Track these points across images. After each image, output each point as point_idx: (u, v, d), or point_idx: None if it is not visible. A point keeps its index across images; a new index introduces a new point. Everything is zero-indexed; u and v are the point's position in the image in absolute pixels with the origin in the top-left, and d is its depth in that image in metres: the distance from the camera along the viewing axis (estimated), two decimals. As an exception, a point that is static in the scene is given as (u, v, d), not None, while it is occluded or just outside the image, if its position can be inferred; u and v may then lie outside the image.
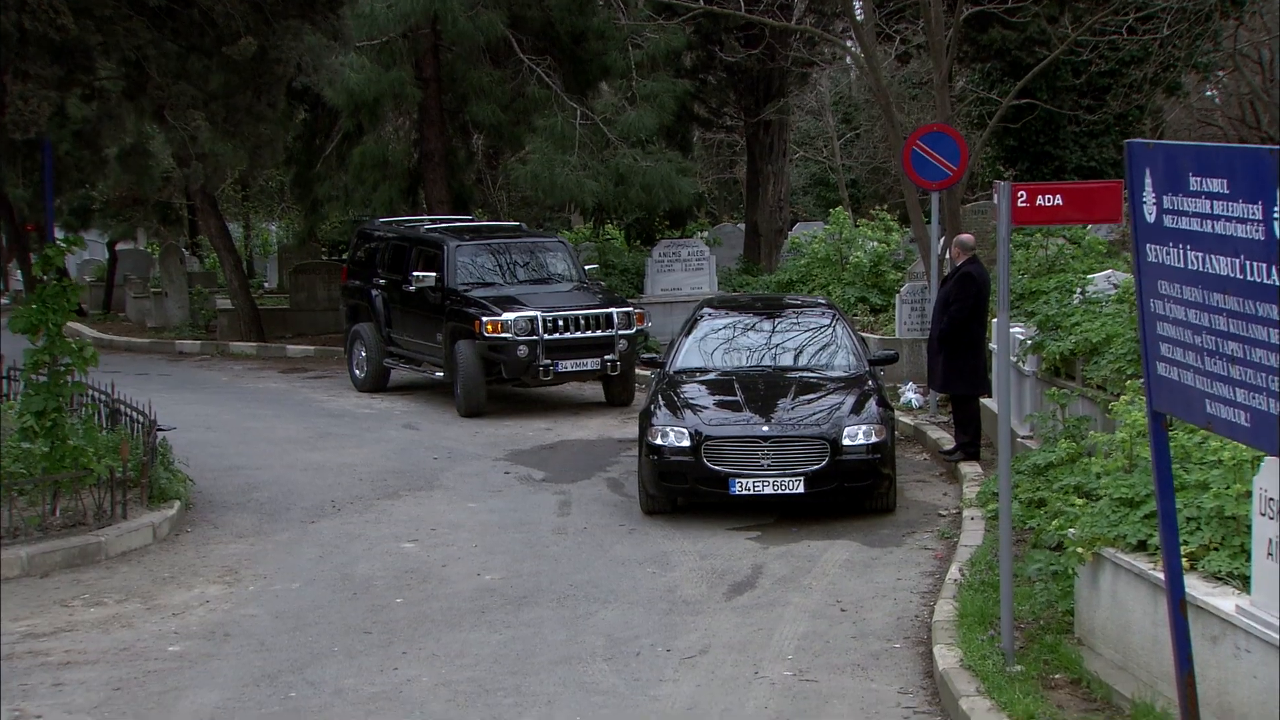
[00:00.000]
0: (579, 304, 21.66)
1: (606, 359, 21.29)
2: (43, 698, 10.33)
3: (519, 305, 21.33)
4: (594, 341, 21.27)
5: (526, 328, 20.88)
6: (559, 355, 21.07)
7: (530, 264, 23.15)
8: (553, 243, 24.12)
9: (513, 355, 20.86)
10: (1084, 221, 9.98)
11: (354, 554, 14.08)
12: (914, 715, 9.89)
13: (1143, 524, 9.53)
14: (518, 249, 23.35)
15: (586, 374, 21.69)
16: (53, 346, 13.99)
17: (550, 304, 21.49)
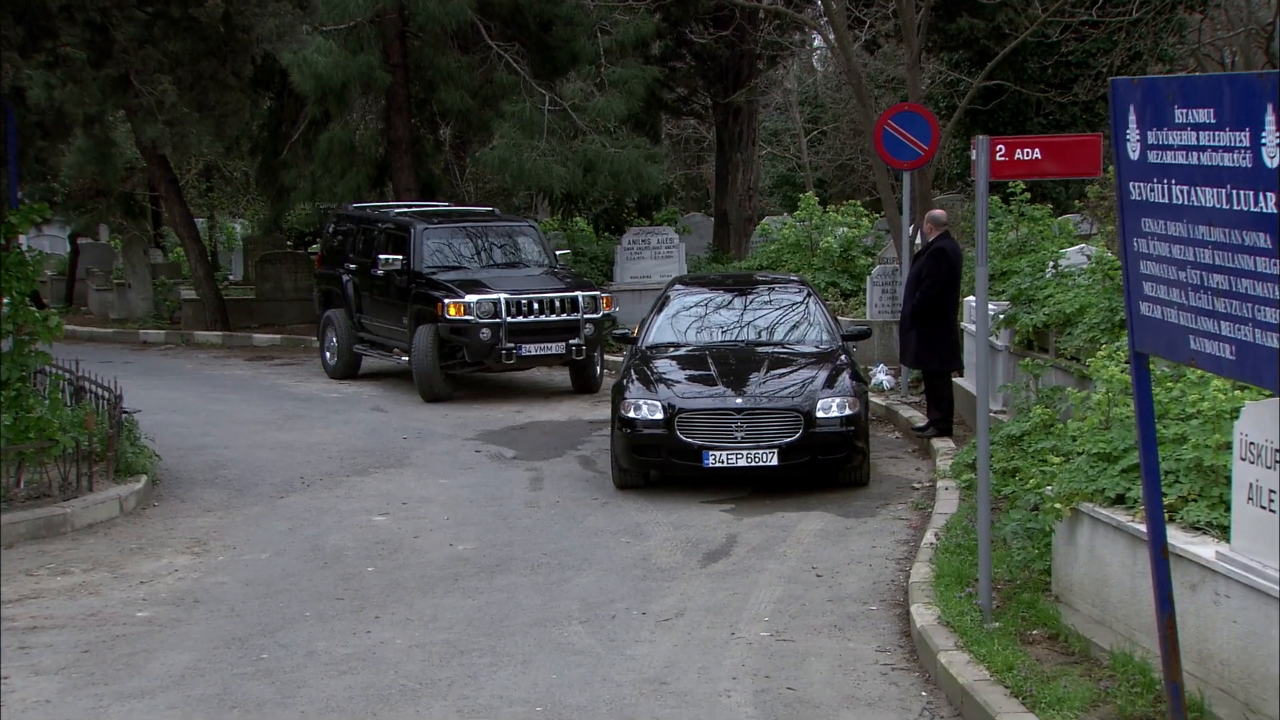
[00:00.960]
0: (544, 287, 21.28)
1: (571, 343, 20.93)
2: (9, 660, 10.19)
3: (484, 288, 20.97)
4: (558, 325, 20.92)
5: (490, 310, 20.57)
6: (522, 339, 20.74)
7: (500, 248, 22.78)
8: (523, 227, 23.69)
9: (475, 338, 20.54)
10: (1062, 174, 9.90)
11: (324, 526, 13.97)
12: (892, 671, 9.84)
13: (1121, 477, 9.49)
14: (487, 233, 23.00)
15: (551, 358, 21.31)
16: (16, 315, 13.82)
17: (516, 287, 21.08)
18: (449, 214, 24.05)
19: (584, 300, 21.19)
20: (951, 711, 9.05)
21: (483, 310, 20.54)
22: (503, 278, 21.62)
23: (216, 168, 41.16)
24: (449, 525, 13.97)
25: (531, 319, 20.80)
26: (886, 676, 9.75)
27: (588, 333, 21.05)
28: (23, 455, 13.83)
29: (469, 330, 20.53)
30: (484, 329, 20.50)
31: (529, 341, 20.77)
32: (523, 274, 22.00)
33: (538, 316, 20.84)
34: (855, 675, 9.77)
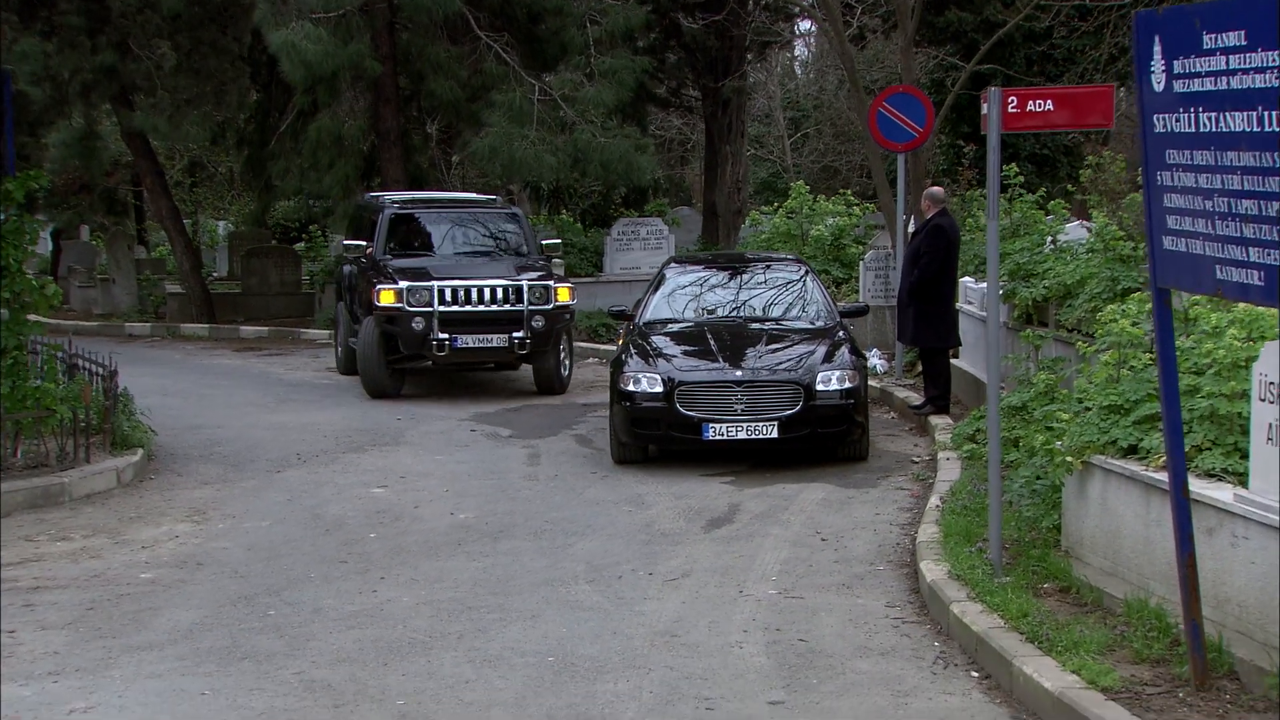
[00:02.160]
0: (488, 275, 19.63)
1: (514, 336, 19.17)
2: (14, 616, 10.13)
3: (427, 275, 19.47)
4: (498, 316, 19.18)
5: (424, 299, 19.06)
6: (457, 330, 19.11)
7: (474, 235, 21.51)
8: (504, 213, 22.03)
9: (408, 328, 19.04)
10: (1075, 126, 9.89)
11: (323, 498, 13.91)
12: (903, 624, 9.81)
13: (1134, 428, 9.48)
14: (463, 219, 21.65)
15: (490, 352, 19.54)
16: (12, 283, 13.74)
17: (462, 274, 19.57)
18: (431, 200, 22.64)
19: (530, 289, 19.37)
20: (965, 660, 9.02)
21: (415, 298, 19.05)
22: (460, 266, 20.13)
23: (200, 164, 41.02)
24: (448, 496, 13.91)
25: (468, 309, 19.13)
26: (898, 629, 9.73)
27: (536, 325, 19.25)
28: (20, 424, 13.74)
29: (401, 320, 19.06)
30: (417, 318, 19.01)
31: (465, 333, 19.14)
32: (486, 263, 20.45)
33: (475, 306, 19.15)
34: (866, 628, 9.74)
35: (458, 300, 19.12)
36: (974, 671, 8.83)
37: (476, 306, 19.16)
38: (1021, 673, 8.25)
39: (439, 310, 19.05)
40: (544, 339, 19.40)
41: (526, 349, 19.29)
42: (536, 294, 19.36)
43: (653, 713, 8.24)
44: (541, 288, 19.47)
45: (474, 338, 19.20)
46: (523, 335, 19.20)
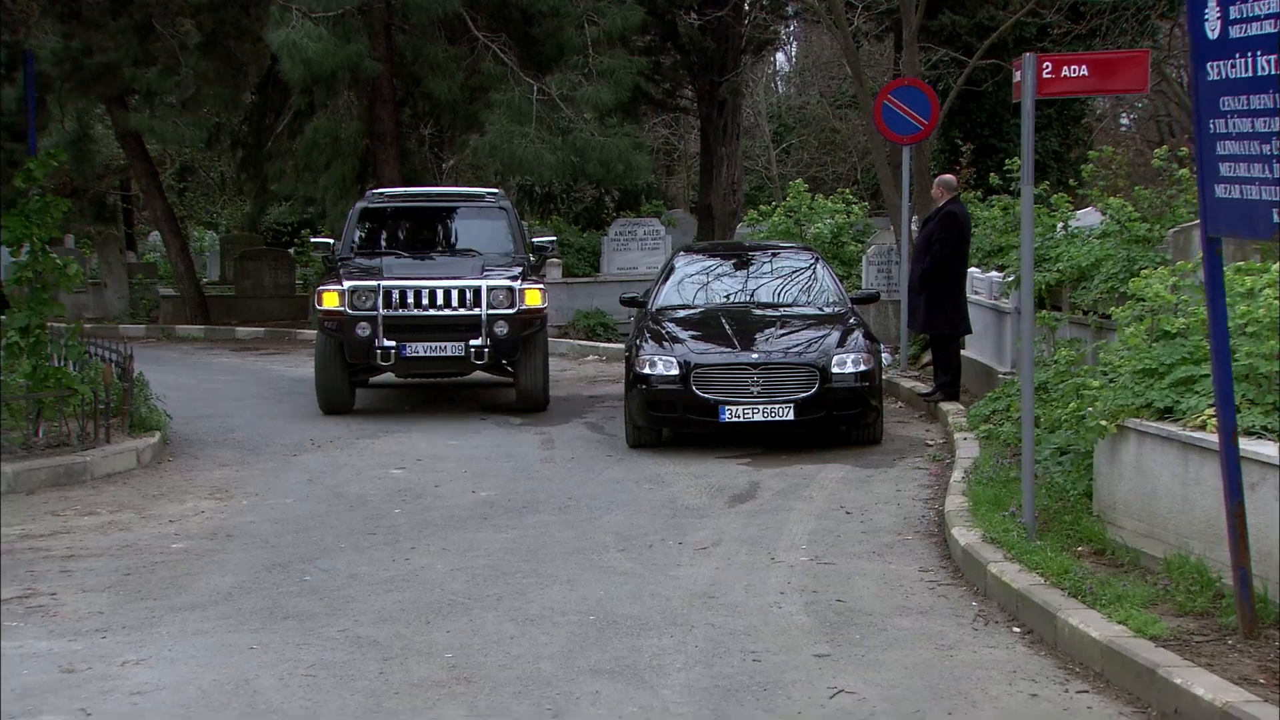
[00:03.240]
0: (445, 275, 17.40)
1: (471, 344, 16.95)
2: (53, 580, 10.17)
3: (376, 275, 17.31)
4: (452, 322, 16.94)
5: (367, 301, 16.89)
6: (405, 336, 16.95)
7: (452, 231, 19.49)
8: (489, 207, 19.51)
9: (351, 334, 16.88)
10: (1109, 91, 9.99)
11: (343, 478, 13.94)
12: (939, 586, 9.89)
13: (1170, 390, 9.55)
14: (441, 214, 19.63)
15: (443, 362, 17.33)
16: (36, 262, 13.78)
17: (414, 274, 17.40)
18: (410, 195, 20.64)
19: (490, 292, 17.08)
20: (1005, 617, 9.10)
21: (359, 301, 16.88)
22: (418, 266, 17.97)
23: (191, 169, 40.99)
24: (468, 477, 13.96)
25: (416, 313, 16.92)
26: (934, 591, 9.80)
27: (499, 332, 16.98)
28: (42, 403, 13.77)
29: (345, 325, 16.92)
30: (361, 324, 16.84)
31: (414, 340, 16.97)
32: (451, 262, 18.19)
33: (424, 310, 16.94)
34: (902, 590, 9.81)
35: (405, 303, 16.90)
36: (1015, 627, 8.90)
37: (426, 310, 16.92)
38: (1067, 624, 8.32)
39: (383, 314, 16.84)
40: (508, 347, 17.11)
41: (485, 358, 17.07)
42: (499, 297, 17.01)
43: (700, 664, 8.29)
44: (505, 290, 17.06)
45: (424, 345, 16.97)
46: (480, 343, 16.96)
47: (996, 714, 7.45)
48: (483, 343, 17.03)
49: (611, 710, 7.55)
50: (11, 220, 13.65)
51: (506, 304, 17.11)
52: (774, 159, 50.49)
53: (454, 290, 17.11)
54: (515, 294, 17.17)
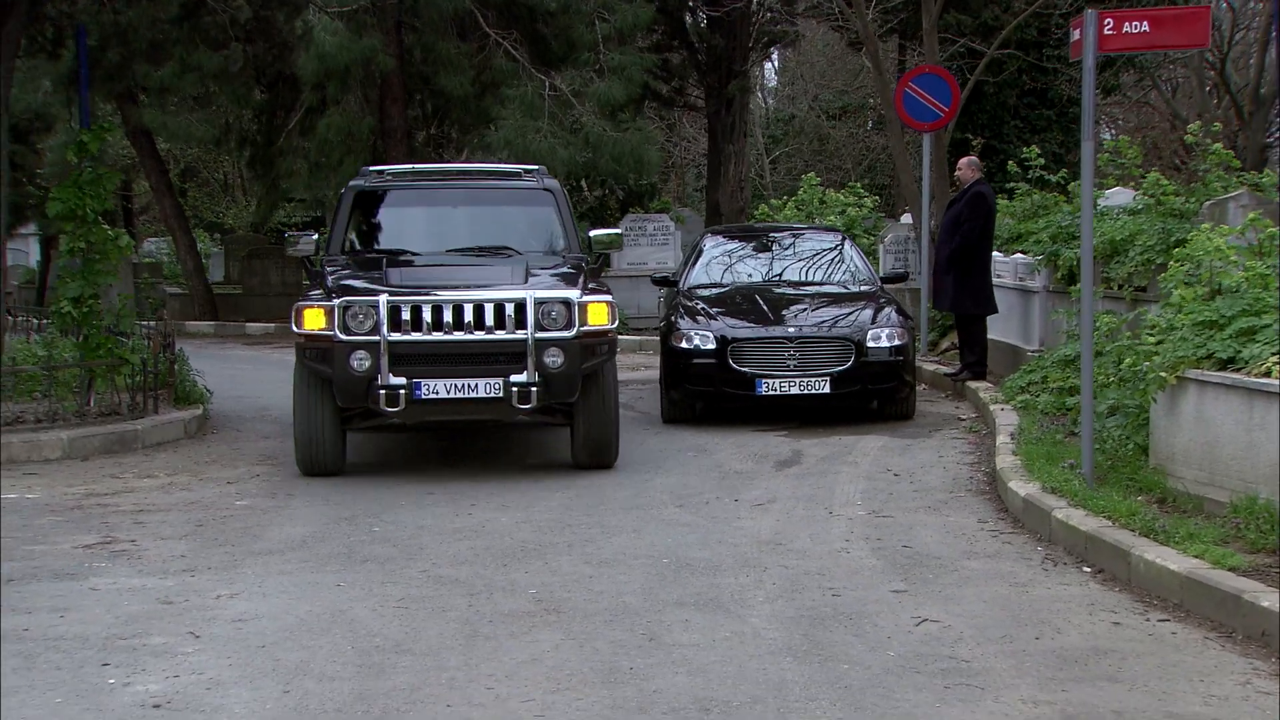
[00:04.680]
0: (475, 283, 12.47)
1: (514, 381, 11.99)
2: (129, 530, 10.34)
3: (376, 285, 12.47)
4: (487, 350, 12.10)
5: (365, 322, 11.96)
6: (420, 371, 12.02)
7: (481, 223, 14.41)
8: (530, 189, 14.44)
9: (343, 368, 11.93)
10: (1172, 46, 10.18)
11: (387, 448, 14.09)
12: (1000, 535, 10.07)
13: (1232, 340, 9.75)
14: (465, 199, 14.56)
15: (474, 405, 12.20)
16: (88, 233, 13.95)
17: (432, 283, 12.50)
18: (421, 172, 15.28)
19: (540, 307, 12.10)
20: (1074, 559, 9.28)
21: (354, 321, 11.96)
22: (437, 271, 13.07)
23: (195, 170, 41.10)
24: (513, 449, 14.12)
25: (435, 337, 12.03)
26: (997, 538, 9.98)
27: (552, 364, 12.06)
28: (94, 372, 13.94)
29: (334, 355, 11.95)
30: (357, 353, 11.89)
31: (433, 375, 12.02)
32: (483, 265, 13.33)
33: (447, 334, 12.03)
34: (965, 538, 10.00)
35: (419, 324, 11.98)
36: (1085, 567, 9.09)
37: (450, 335, 12.01)
38: (1142, 560, 8.51)
39: (389, 340, 11.88)
40: (564, 385, 12.15)
41: (533, 400, 12.03)
42: (551, 314, 12.11)
43: (781, 598, 8.46)
44: (560, 304, 12.13)
45: (446, 384, 12.02)
46: (526, 379, 12.00)
47: (1083, 638, 7.63)
48: (530, 379, 11.97)
49: (705, 635, 7.72)
50: (64, 191, 13.84)
51: (562, 324, 12.08)
52: (767, 167, 50.77)
53: (488, 305, 12.02)
54: (574, 309, 12.10)
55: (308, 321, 12.05)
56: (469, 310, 12.01)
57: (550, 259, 13.57)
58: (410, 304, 11.98)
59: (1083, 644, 7.52)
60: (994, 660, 7.25)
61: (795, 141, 50.83)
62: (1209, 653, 7.36)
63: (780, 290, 16.17)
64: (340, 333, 11.91)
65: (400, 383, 11.90)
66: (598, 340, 12.30)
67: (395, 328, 11.92)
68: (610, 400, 12.57)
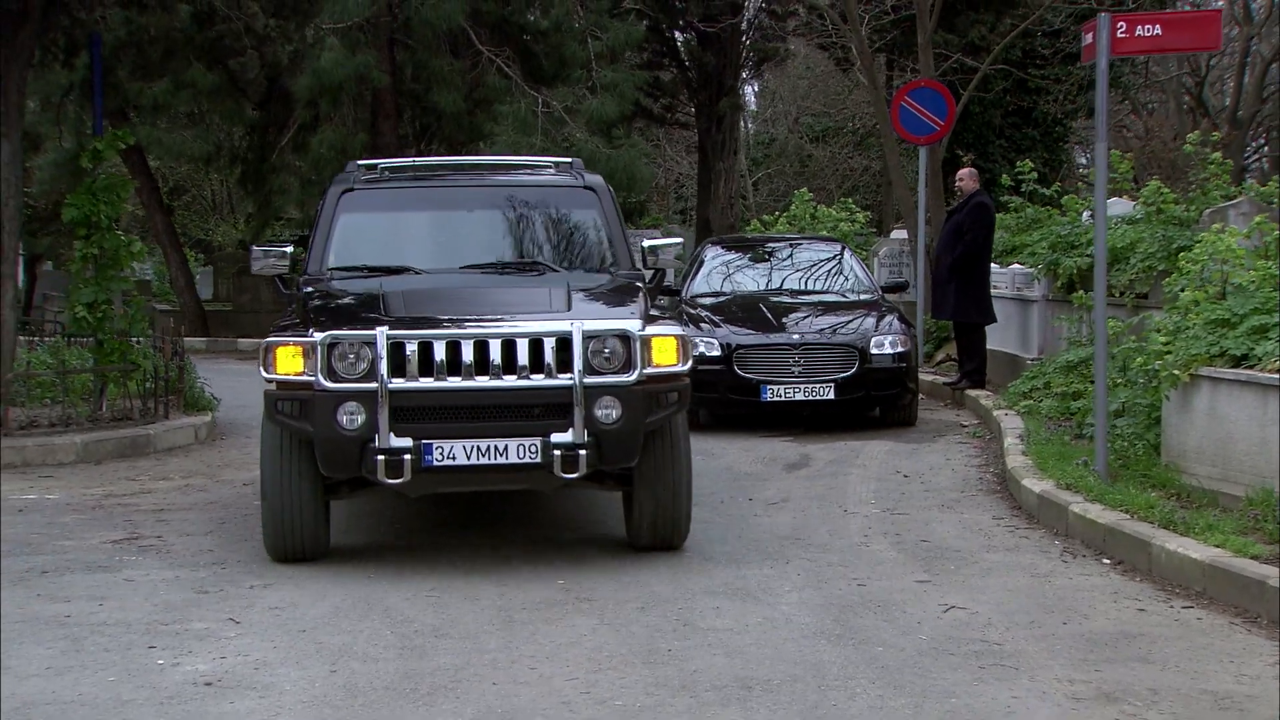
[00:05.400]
0: (501, 310, 9.56)
1: (556, 443, 8.99)
2: (152, 527, 10.44)
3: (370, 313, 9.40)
4: (520, 400, 9.04)
5: (357, 365, 8.95)
6: (435, 430, 8.97)
7: (504, 232, 10.99)
8: (568, 187, 11.18)
9: (327, 426, 8.91)
10: (1184, 49, 10.38)
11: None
12: (1017, 531, 10.21)
13: (1245, 338, 9.91)
14: (482, 200, 11.07)
15: (504, 474, 9.12)
16: (102, 239, 14.06)
17: (446, 310, 9.51)
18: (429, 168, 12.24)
19: (590, 343, 9.07)
20: (1092, 552, 9.42)
21: (341, 362, 8.95)
22: (458, 295, 9.93)
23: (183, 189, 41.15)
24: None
25: (451, 384, 8.98)
26: (1013, 534, 10.12)
27: (606, 418, 9.03)
28: (106, 377, 14.04)
29: (315, 408, 8.93)
30: (346, 404, 8.89)
31: (451, 434, 8.98)
32: (510, 287, 10.20)
33: (467, 379, 8.98)
34: (982, 533, 10.14)
35: (430, 367, 8.95)
36: (1104, 559, 9.23)
37: (473, 380, 8.96)
38: (1164, 550, 8.65)
39: (390, 388, 8.84)
40: (623, 445, 9.12)
41: (582, 467, 9.00)
42: (605, 352, 9.08)
43: (808, 587, 8.59)
44: (616, 338, 9.10)
45: (467, 446, 8.95)
46: (573, 439, 8.99)
47: (1110, 623, 7.77)
48: (577, 438, 8.93)
49: (737, 620, 7.85)
50: (78, 198, 13.94)
51: (619, 364, 9.04)
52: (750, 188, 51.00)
53: (521, 340, 8.98)
54: (634, 345, 9.02)
55: (280, 363, 8.90)
56: (496, 348, 8.88)
57: (596, 277, 10.34)
58: (418, 340, 8.84)
59: (1111, 629, 7.66)
60: (1025, 644, 7.38)
61: (778, 163, 51.07)
62: (1236, 636, 7.50)
63: (782, 298, 16.32)
64: (324, 378, 8.77)
65: (405, 445, 8.76)
66: (665, 386, 9.11)
67: (398, 371, 8.78)
68: (682, 465, 9.47)
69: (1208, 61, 41.38)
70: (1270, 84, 40.48)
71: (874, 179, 44.10)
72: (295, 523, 9.23)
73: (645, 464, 9.40)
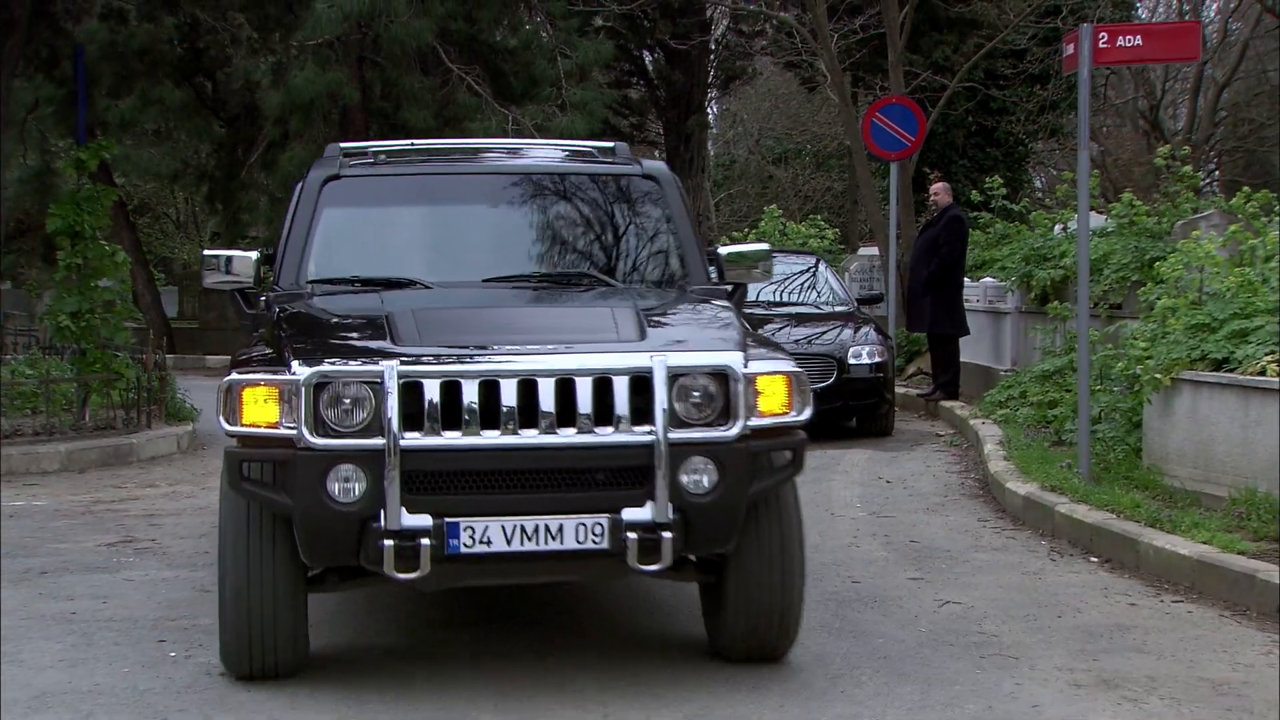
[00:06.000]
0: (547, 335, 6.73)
1: (630, 522, 6.28)
2: (146, 530, 10.50)
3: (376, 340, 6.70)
4: (579, 463, 6.33)
5: (353, 412, 6.25)
6: (463, 504, 6.25)
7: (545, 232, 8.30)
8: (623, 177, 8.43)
9: (313, 499, 6.21)
10: (1164, 59, 10.59)
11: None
12: (1003, 532, 10.36)
13: (1225, 342, 10.09)
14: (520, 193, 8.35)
15: (558, 563, 6.49)
16: (85, 249, 14.12)
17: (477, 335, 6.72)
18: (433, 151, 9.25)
19: (677, 385, 6.39)
20: (1080, 551, 9.58)
21: (334, 409, 6.26)
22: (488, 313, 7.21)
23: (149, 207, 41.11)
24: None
25: (487, 440, 6.24)
26: (1000, 534, 10.29)
27: (697, 485, 6.36)
28: (89, 386, 14.08)
29: (293, 473, 6.25)
30: (339, 468, 6.19)
31: (485, 509, 6.25)
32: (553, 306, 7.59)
33: (508, 433, 6.24)
34: (969, 534, 10.29)
35: (457, 415, 6.28)
36: (1092, 558, 9.39)
37: (514, 436, 6.27)
38: (1151, 547, 8.82)
39: (403, 445, 6.15)
40: (718, 525, 6.49)
41: (666, 555, 6.33)
42: (695, 394, 6.44)
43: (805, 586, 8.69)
44: (712, 375, 6.46)
45: (508, 526, 6.26)
46: (652, 516, 6.33)
47: (1103, 616, 7.92)
48: (659, 515, 6.33)
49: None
50: (62, 208, 14.00)
51: (715, 412, 6.48)
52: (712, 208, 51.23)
53: (582, 380, 6.39)
54: (735, 387, 6.44)
55: (248, 410, 6.28)
56: (548, 390, 6.28)
57: (666, 294, 7.81)
58: (442, 378, 6.25)
59: (1105, 621, 7.81)
60: (1022, 635, 7.53)
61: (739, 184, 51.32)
62: (1227, 628, 7.66)
63: (758, 310, 16.42)
64: (309, 431, 6.17)
65: (422, 525, 6.16)
66: (774, 442, 6.61)
67: (413, 423, 6.19)
68: (794, 550, 6.98)
69: (1163, 85, 41.86)
70: (1222, 109, 41.00)
71: (836, 199, 44.34)
72: (265, 630, 6.56)
73: (744, 547, 6.72)
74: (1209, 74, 40.36)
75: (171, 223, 43.17)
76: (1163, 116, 42.87)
